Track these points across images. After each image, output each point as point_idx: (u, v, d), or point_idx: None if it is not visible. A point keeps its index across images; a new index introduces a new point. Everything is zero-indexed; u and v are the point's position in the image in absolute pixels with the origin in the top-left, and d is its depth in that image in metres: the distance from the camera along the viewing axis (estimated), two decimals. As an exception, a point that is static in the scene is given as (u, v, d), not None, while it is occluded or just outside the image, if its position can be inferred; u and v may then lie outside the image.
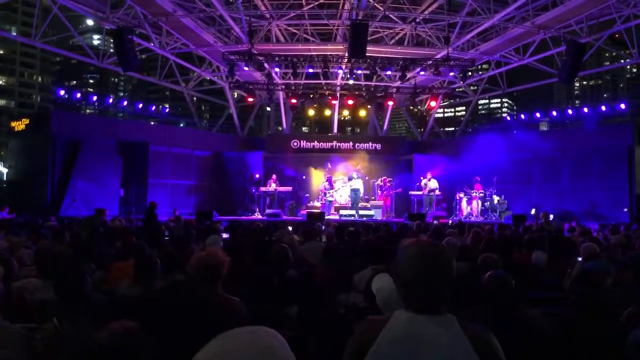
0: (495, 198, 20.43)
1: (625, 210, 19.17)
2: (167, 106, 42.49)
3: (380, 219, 19.94)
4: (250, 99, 24.32)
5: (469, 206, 20.61)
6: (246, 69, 22.09)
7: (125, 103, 26.37)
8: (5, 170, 26.24)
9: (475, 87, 29.23)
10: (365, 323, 2.00)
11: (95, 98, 28.66)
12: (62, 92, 24.07)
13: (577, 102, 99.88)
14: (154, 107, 26.97)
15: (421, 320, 1.88)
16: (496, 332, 3.17)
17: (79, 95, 24.90)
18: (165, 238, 9.56)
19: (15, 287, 4.53)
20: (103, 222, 11.74)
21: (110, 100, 28.53)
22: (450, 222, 17.19)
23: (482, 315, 3.47)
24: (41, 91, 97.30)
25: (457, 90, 27.67)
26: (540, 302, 4.91)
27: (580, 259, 6.11)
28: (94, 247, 6.69)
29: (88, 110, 56.60)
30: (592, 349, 2.09)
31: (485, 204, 20.51)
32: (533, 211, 19.34)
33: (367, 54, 18.80)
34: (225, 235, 9.52)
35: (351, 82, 24.37)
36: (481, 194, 20.45)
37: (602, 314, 3.46)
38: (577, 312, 3.55)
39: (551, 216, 16.20)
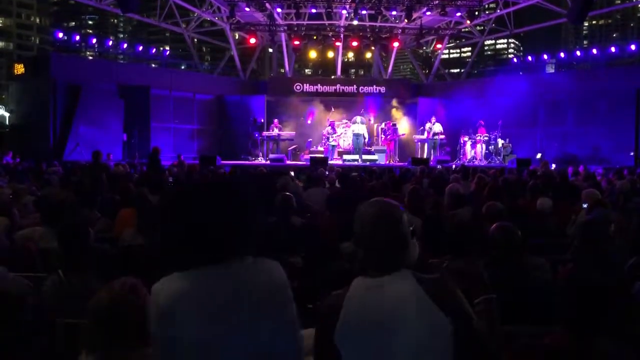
0: (500, 142, 20.31)
1: (631, 154, 19.04)
2: (168, 48, 41.82)
3: (383, 163, 19.88)
4: (252, 41, 23.82)
5: (473, 150, 20.51)
6: (247, 9, 21.57)
7: (125, 45, 25.91)
8: (7, 115, 26.09)
9: (482, 28, 28.56)
10: (331, 296, 2.01)
11: (94, 40, 28.16)
12: (60, 35, 23.63)
13: (585, 43, 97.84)
14: (154, 50, 26.52)
15: (375, 282, 1.90)
16: (500, 282, 3.18)
17: (77, 37, 24.46)
18: (169, 184, 9.56)
19: (20, 236, 4.55)
20: (106, 167, 11.70)
21: (110, 43, 28.05)
22: (453, 166, 17.15)
23: (485, 264, 3.47)
24: (39, 33, 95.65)
25: (463, 31, 27.04)
26: (545, 249, 4.93)
27: (585, 205, 6.09)
28: (97, 194, 6.69)
29: (88, 53, 55.67)
30: (595, 301, 2.08)
31: (490, 147, 20.40)
32: (539, 156, 19.23)
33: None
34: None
35: (355, 22, 23.73)
36: (485, 138, 20.32)
37: (606, 265, 3.46)
38: (581, 264, 3.55)
39: (553, 165, 16.12)
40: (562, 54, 26.01)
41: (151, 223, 4.21)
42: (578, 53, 25.45)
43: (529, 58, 26.08)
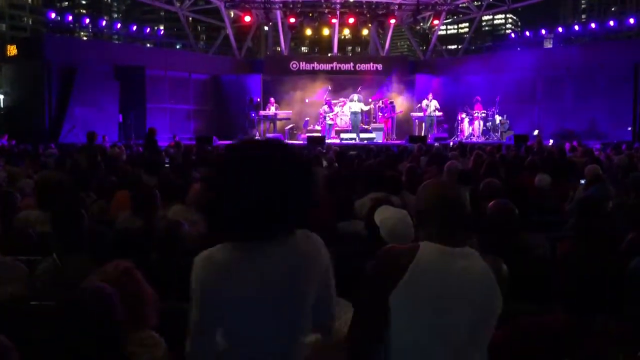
0: (497, 118, 20.24)
1: (629, 129, 19.00)
2: (162, 28, 41.39)
3: (381, 141, 19.82)
4: (247, 19, 23.56)
5: (471, 127, 20.44)
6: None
7: (119, 25, 25.63)
8: (1, 97, 25.89)
9: (479, 3, 28.26)
10: (390, 253, 1.95)
11: (88, 21, 27.86)
12: (53, 15, 23.37)
13: (583, 17, 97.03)
14: (148, 29, 26.26)
15: (449, 252, 1.87)
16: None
17: (70, 17, 24.18)
18: (166, 165, 9.53)
19: (16, 219, 4.53)
20: (102, 148, 11.64)
21: (104, 23, 27.75)
22: (451, 143, 17.11)
23: (483, 242, 3.46)
24: (32, 13, 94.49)
25: (460, 6, 26.78)
26: (543, 225, 4.92)
27: (583, 181, 6.08)
28: (93, 176, 6.64)
29: (82, 34, 55.10)
30: (590, 275, 2.07)
31: (487, 124, 20.34)
32: (536, 132, 19.18)
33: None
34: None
35: (351, -1, 23.49)
36: (483, 114, 20.23)
37: (602, 240, 3.45)
38: (578, 240, 3.53)
39: (550, 141, 16.09)
40: (560, 29, 25.81)
41: (148, 205, 4.18)
42: (576, 28, 25.26)
43: (527, 33, 25.90)
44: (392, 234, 2.97)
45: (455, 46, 54.40)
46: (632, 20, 22.53)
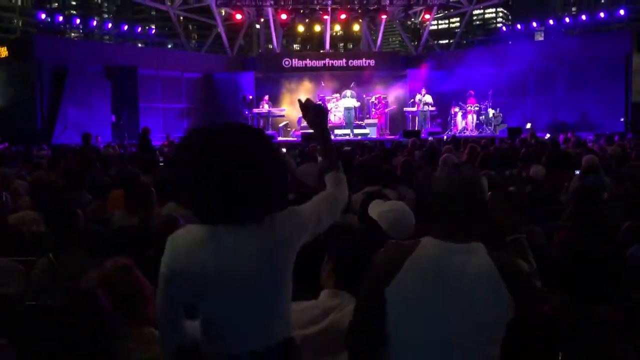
0: (491, 111, 20.27)
1: (622, 120, 19.08)
2: (154, 27, 41.20)
3: (375, 137, 19.82)
4: (238, 17, 23.48)
5: (464, 121, 20.46)
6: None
7: (109, 25, 25.49)
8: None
9: (471, -3, 28.21)
10: (391, 247, 1.95)
11: (78, 21, 27.71)
12: (43, 16, 23.22)
13: (574, 9, 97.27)
14: (139, 29, 26.13)
15: (450, 247, 1.82)
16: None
17: (61, 18, 24.02)
18: (160, 164, 9.49)
19: (11, 220, 4.50)
20: (95, 149, 11.59)
21: (94, 23, 27.60)
22: (445, 137, 17.13)
23: (480, 233, 3.46)
24: (22, 15, 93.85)
25: (451, 0, 26.78)
26: (539, 216, 4.93)
27: (577, 172, 6.10)
28: (87, 176, 6.61)
29: (73, 34, 54.73)
30: (589, 265, 2.07)
31: (481, 117, 20.37)
32: (529, 125, 19.23)
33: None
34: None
35: (342, -6, 23.45)
36: (476, 108, 20.26)
37: (600, 230, 3.46)
38: (575, 229, 3.55)
39: (547, 135, 16.10)
40: (551, 21, 25.86)
41: (144, 202, 4.16)
42: (567, 20, 25.30)
43: (518, 26, 25.91)
44: (394, 227, 2.97)
45: (447, 41, 54.40)
46: (622, 12, 22.60)
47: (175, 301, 1.75)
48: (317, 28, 26.18)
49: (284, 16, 22.96)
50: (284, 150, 11.97)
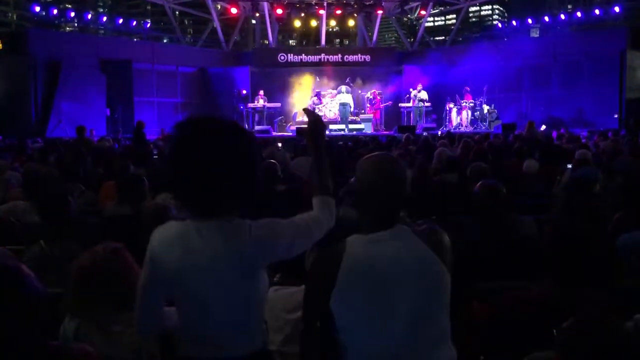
0: (485, 107, 20.29)
1: (615, 116, 19.14)
2: (149, 21, 41.07)
3: (370, 132, 19.83)
4: (234, 11, 23.40)
5: (459, 116, 20.49)
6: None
7: (104, 19, 25.37)
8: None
9: (466, -7, 28.18)
10: (322, 256, 1.95)
11: (73, 14, 27.54)
12: (37, 9, 23.08)
13: (569, 6, 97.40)
14: (135, 22, 26.02)
15: (378, 237, 1.85)
16: (487, 239, 3.19)
17: (55, 11, 23.90)
18: (154, 157, 9.48)
19: (2, 210, 4.50)
20: (89, 142, 11.57)
21: (89, 16, 27.44)
22: (439, 133, 17.16)
23: (473, 224, 3.48)
24: (16, 8, 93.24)
25: (447, -4, 26.79)
26: (531, 209, 4.96)
27: (569, 166, 6.13)
28: (80, 168, 6.60)
29: (67, 28, 54.36)
30: (581, 253, 2.09)
31: (475, 113, 20.39)
32: (543, 127, 19.22)
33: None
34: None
35: (339, -10, 23.40)
36: (471, 104, 20.28)
37: (591, 219, 3.49)
38: (567, 218, 3.56)
39: (543, 127, 16.11)
40: (546, 18, 25.90)
41: (137, 192, 4.15)
42: (562, 17, 25.34)
43: (514, 23, 25.93)
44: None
45: (443, 37, 54.31)
46: (617, 9, 22.65)
47: (151, 290, 1.78)
48: (313, 23, 26.13)
49: (279, 11, 22.91)
50: (279, 144, 11.97)
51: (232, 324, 1.76)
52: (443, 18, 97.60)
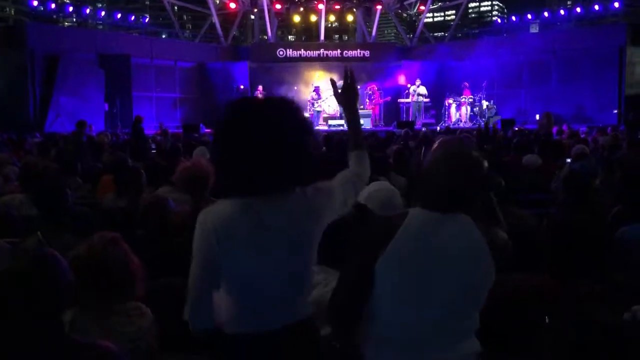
0: (484, 103, 20.29)
1: (615, 112, 19.15)
2: (147, 16, 40.94)
3: (369, 127, 19.81)
4: (232, 6, 23.33)
5: (458, 112, 20.49)
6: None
7: (103, 13, 25.29)
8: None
9: (466, -11, 28.18)
10: (380, 220, 1.98)
11: (71, 9, 27.46)
12: (35, 3, 22.97)
13: (569, 2, 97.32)
14: (133, 17, 25.94)
15: (438, 218, 1.82)
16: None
17: (53, 5, 23.79)
18: (153, 152, 9.47)
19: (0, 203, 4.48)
20: (88, 136, 11.55)
21: (88, 11, 27.33)
22: (438, 128, 17.15)
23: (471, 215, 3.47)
24: (14, 2, 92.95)
25: (446, -8, 26.74)
26: (530, 203, 4.96)
27: (568, 160, 6.12)
28: (78, 162, 6.59)
29: (66, 23, 54.24)
30: (580, 246, 2.08)
31: (474, 109, 20.39)
32: (538, 117, 19.19)
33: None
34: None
35: (337, -15, 23.36)
36: (470, 100, 20.29)
37: (591, 212, 3.48)
38: (566, 211, 3.56)
39: (537, 116, 16.00)
40: (545, 14, 25.86)
41: (134, 186, 4.15)
42: (562, 12, 25.30)
43: (513, 18, 25.90)
44: (384, 205, 2.98)
45: (442, 33, 54.27)
46: (616, 4, 22.60)
47: (209, 274, 1.77)
48: (312, 19, 26.07)
49: (278, 6, 22.89)
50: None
51: (293, 291, 1.84)
52: (442, 14, 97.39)
